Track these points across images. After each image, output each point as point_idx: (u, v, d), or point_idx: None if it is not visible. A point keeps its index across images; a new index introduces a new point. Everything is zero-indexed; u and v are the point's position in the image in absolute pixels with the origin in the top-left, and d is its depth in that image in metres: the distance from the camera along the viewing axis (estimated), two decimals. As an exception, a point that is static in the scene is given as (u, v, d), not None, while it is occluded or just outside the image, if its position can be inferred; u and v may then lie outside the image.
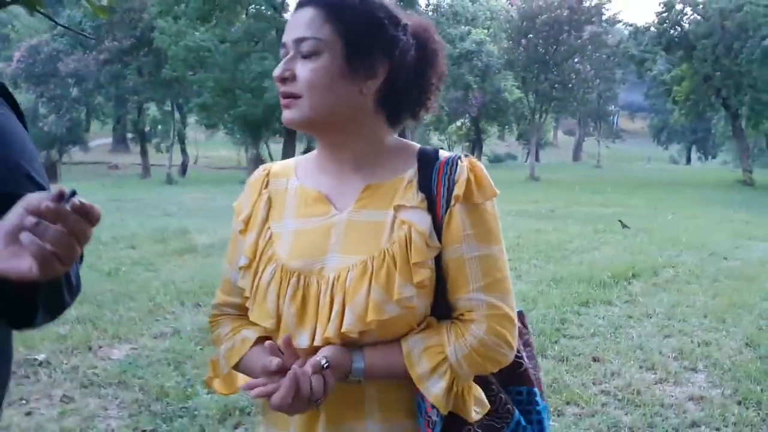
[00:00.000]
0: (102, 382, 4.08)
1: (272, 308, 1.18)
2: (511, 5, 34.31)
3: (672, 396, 3.99)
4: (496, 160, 50.22)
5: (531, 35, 26.66)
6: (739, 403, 3.87)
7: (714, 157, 60.16)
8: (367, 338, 1.15)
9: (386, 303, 1.12)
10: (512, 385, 1.27)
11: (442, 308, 1.18)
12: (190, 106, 27.40)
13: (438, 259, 1.17)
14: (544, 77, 27.41)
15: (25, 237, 0.83)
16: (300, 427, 1.20)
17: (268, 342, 1.15)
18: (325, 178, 1.24)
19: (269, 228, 1.24)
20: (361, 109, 1.18)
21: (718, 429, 3.55)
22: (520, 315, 1.30)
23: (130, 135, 42.85)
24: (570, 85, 28.31)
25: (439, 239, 1.16)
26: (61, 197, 0.83)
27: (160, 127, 38.69)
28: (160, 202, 14.63)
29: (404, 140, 1.28)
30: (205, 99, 23.00)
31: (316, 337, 1.14)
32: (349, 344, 1.15)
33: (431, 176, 1.19)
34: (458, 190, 1.16)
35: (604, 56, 29.19)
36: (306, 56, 1.14)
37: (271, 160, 27.19)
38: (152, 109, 37.48)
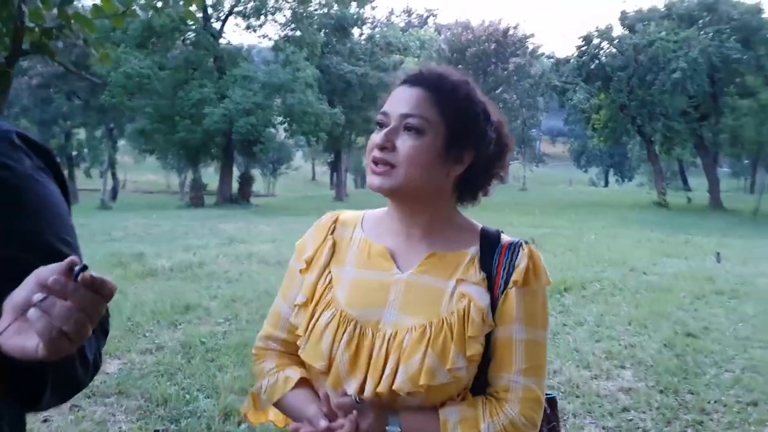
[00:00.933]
0: (104, 393, 4.45)
1: (326, 351, 1.21)
2: (440, 34, 35.60)
3: (605, 388, 4.67)
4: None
5: (461, 66, 27.84)
6: (660, 391, 4.57)
7: (630, 179, 62.61)
8: (411, 400, 1.19)
9: (439, 370, 1.16)
10: None
11: (480, 382, 1.23)
12: (127, 132, 27.23)
13: (488, 336, 1.22)
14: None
15: (33, 313, 0.78)
16: None
17: (323, 392, 1.22)
18: (392, 237, 1.30)
19: (330, 272, 1.29)
20: (443, 188, 1.26)
21: (644, 412, 4.25)
22: (553, 401, 1.40)
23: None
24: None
25: (493, 318, 1.22)
26: (70, 270, 0.78)
27: (87, 151, 38.04)
28: (104, 228, 14.66)
29: (468, 218, 1.34)
30: (144, 125, 22.98)
31: (366, 388, 1.18)
32: (389, 403, 1.20)
33: (493, 257, 1.25)
34: (517, 275, 1.22)
35: (528, 86, 30.60)
36: (410, 130, 1.20)
37: (206, 186, 27.43)
38: (81, 134, 36.86)
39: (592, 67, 25.81)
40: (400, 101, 1.23)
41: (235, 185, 25.46)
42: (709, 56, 23.45)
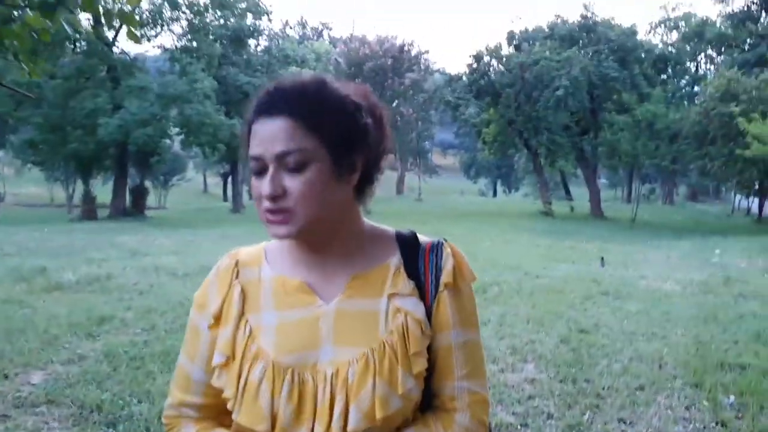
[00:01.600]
0: (33, 403, 4.47)
1: (266, 410, 1.09)
2: (335, 47, 36.07)
3: (512, 380, 5.13)
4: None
5: (359, 79, 28.43)
6: (560, 381, 5.07)
7: (517, 189, 65.33)
8: None
9: (391, 398, 1.08)
10: None
11: (425, 395, 1.17)
12: (10, 143, 25.91)
13: (430, 347, 1.15)
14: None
15: None
16: None
17: None
18: (305, 268, 1.18)
19: (247, 321, 1.15)
20: (346, 203, 1.15)
21: (547, 399, 4.72)
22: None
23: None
24: (396, 126, 30.48)
25: (430, 326, 1.15)
26: None
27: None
28: (-8, 243, 14.04)
29: (377, 225, 1.24)
30: (33, 135, 21.99)
31: None
32: None
33: (417, 263, 1.17)
34: (446, 277, 1.15)
35: (422, 100, 31.59)
36: (293, 169, 1.08)
37: (96, 197, 26.48)
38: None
39: (483, 83, 26.87)
40: (269, 140, 1.07)
41: (127, 197, 24.84)
42: (589, 75, 25.11)
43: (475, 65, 27.55)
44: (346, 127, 1.11)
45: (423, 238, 1.21)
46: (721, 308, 7.90)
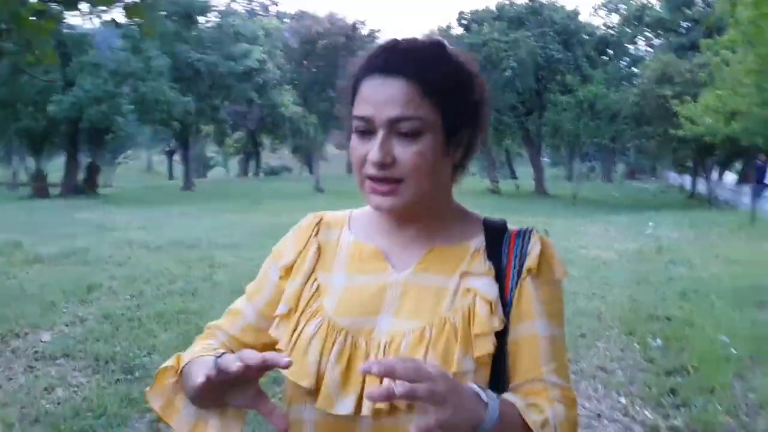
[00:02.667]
0: (51, 356, 5.00)
1: (313, 366, 1.04)
2: (282, 22, 36.17)
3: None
4: (271, 172, 51.51)
5: (311, 57, 28.79)
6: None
7: (464, 168, 66.72)
8: (412, 416, 0.97)
9: None
10: None
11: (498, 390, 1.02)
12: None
13: (502, 336, 1.05)
14: (325, 97, 29.73)
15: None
16: None
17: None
18: (384, 235, 1.14)
19: (316, 279, 1.13)
20: (446, 180, 1.11)
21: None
22: None
23: None
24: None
25: (507, 314, 1.06)
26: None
27: None
28: (-48, 220, 14.12)
29: (466, 208, 1.19)
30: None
31: (363, 405, 1.01)
32: (390, 425, 1.02)
33: (501, 246, 1.10)
34: (530, 262, 1.08)
35: None
36: (405, 135, 1.02)
37: (47, 175, 26.21)
38: None
39: (434, 63, 27.52)
40: (383, 101, 1.01)
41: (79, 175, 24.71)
42: (535, 56, 26.07)
43: (425, 46, 28.02)
44: (463, 98, 1.05)
45: (514, 227, 1.14)
46: (653, 273, 8.85)
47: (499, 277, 1.07)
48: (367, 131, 1.03)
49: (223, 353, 1.01)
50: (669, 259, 10.14)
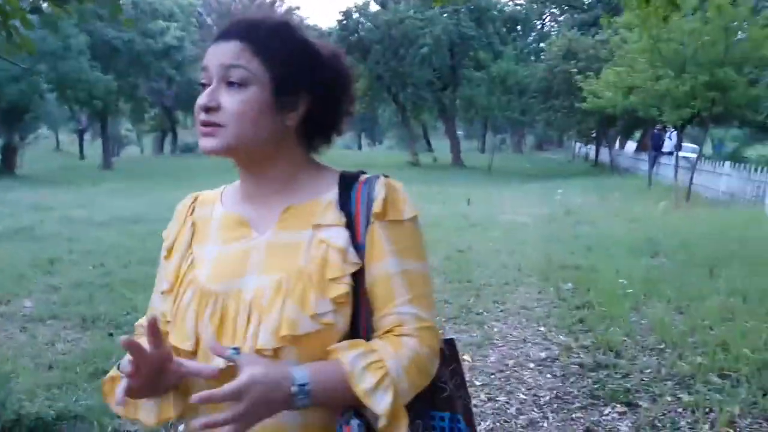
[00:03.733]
0: (40, 318, 5.50)
1: (191, 330, 1.15)
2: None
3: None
4: (187, 149, 50.86)
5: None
6: (449, 282, 6.73)
7: (380, 143, 67.31)
8: (284, 356, 1.09)
9: (301, 318, 1.09)
10: (435, 409, 1.22)
11: (364, 329, 1.14)
12: None
13: (360, 278, 1.14)
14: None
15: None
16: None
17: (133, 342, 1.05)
18: (249, 203, 1.23)
19: (191, 253, 1.23)
20: (283, 139, 1.18)
21: (442, 292, 6.35)
22: (451, 343, 1.31)
23: None
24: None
25: (361, 257, 1.14)
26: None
27: None
28: None
29: (326, 165, 1.27)
30: None
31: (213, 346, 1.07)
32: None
33: (350, 196, 1.18)
34: (377, 207, 1.15)
35: None
36: (233, 84, 1.13)
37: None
38: None
39: (353, 40, 28.21)
40: (217, 53, 1.15)
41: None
42: (450, 34, 27.06)
43: (344, 22, 28.74)
44: (293, 64, 1.15)
45: (365, 176, 1.23)
46: (562, 231, 9.98)
47: (351, 225, 1.16)
48: (206, 83, 1.15)
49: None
50: (576, 220, 11.34)
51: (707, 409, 3.63)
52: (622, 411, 3.70)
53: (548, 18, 43.14)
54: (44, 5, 5.57)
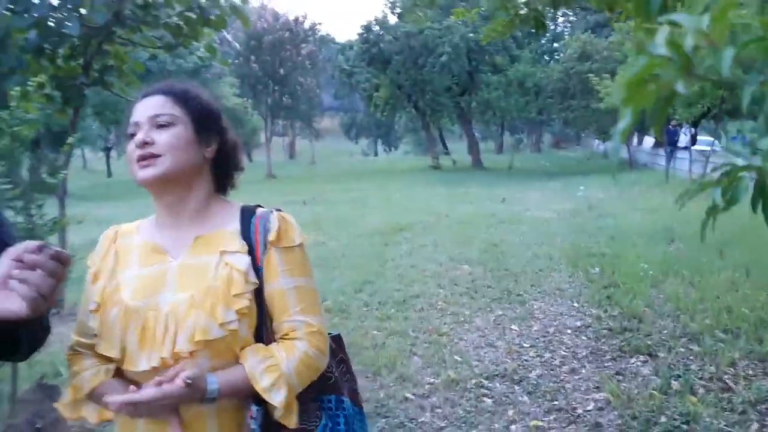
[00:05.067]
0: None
1: (118, 340, 1.36)
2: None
3: (457, 274, 7.64)
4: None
5: (258, 52, 30.01)
6: (489, 271, 7.68)
7: (396, 148, 67.82)
8: (198, 357, 1.34)
9: (210, 326, 1.33)
10: (323, 393, 1.51)
11: (267, 334, 1.42)
12: None
13: (262, 294, 1.41)
14: (274, 89, 31.09)
15: (15, 283, 1.05)
16: None
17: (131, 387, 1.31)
18: (164, 231, 1.46)
19: (116, 277, 1.43)
20: (201, 170, 1.46)
21: (483, 279, 7.30)
22: (338, 338, 1.62)
23: None
24: (297, 95, 32.44)
25: (260, 278, 1.40)
26: (40, 249, 1.07)
27: None
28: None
29: (229, 201, 1.54)
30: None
31: (152, 358, 1.34)
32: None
33: (249, 227, 1.44)
34: (272, 236, 1.42)
35: (324, 69, 33.01)
36: (162, 126, 1.40)
37: None
38: None
39: (374, 52, 29.25)
40: (144, 109, 1.42)
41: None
42: (467, 41, 27.96)
43: (365, 35, 29.79)
44: (205, 112, 1.47)
45: (261, 209, 1.49)
46: (586, 224, 10.89)
47: (251, 251, 1.41)
48: (136, 133, 1.40)
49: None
50: (598, 213, 12.23)
51: (713, 356, 4.56)
52: (644, 360, 4.63)
53: (561, 19, 43.93)
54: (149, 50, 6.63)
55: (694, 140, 17.91)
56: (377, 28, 29.33)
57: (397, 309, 6.16)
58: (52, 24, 5.38)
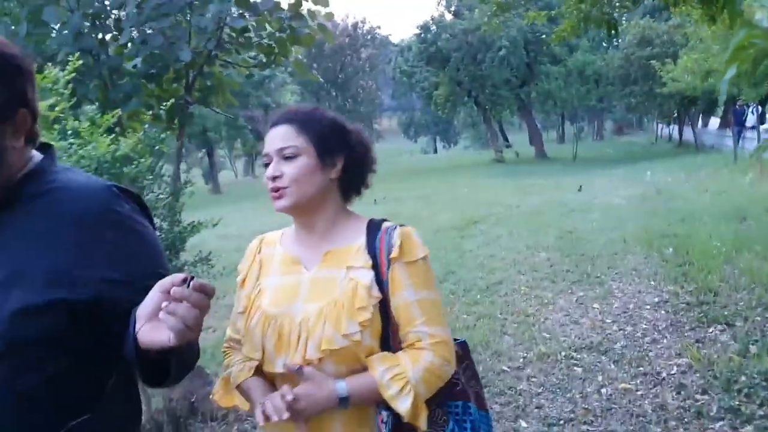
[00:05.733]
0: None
1: (258, 344, 1.55)
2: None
3: (536, 260, 8.04)
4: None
5: (320, 59, 30.93)
6: (566, 256, 8.06)
7: (455, 144, 67.84)
8: (325, 365, 1.49)
9: (335, 337, 1.47)
10: (450, 400, 1.59)
11: (394, 343, 1.53)
12: None
13: (387, 306, 1.52)
14: (336, 93, 32.00)
15: (163, 315, 1.12)
16: None
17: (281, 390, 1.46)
18: (300, 245, 1.63)
19: (259, 284, 1.62)
20: (328, 192, 1.59)
21: (562, 264, 7.69)
22: (464, 345, 1.70)
23: None
24: (359, 99, 33.25)
25: (384, 290, 1.52)
26: (184, 281, 1.13)
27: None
28: None
29: (356, 214, 1.67)
30: None
31: (287, 363, 1.49)
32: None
33: (374, 243, 1.56)
34: (394, 253, 1.52)
35: (384, 72, 33.74)
36: (288, 158, 1.54)
37: None
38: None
39: (432, 51, 29.74)
40: (274, 140, 1.56)
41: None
42: (525, 34, 28.11)
43: (423, 35, 30.31)
44: (328, 134, 1.58)
45: (387, 224, 1.61)
46: (657, 208, 11.12)
47: (376, 266, 1.53)
48: (269, 162, 1.57)
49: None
50: (667, 197, 12.41)
51: (788, 322, 4.88)
52: (722, 329, 4.98)
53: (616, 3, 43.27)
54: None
55: (762, 119, 17.69)
56: (434, 27, 29.78)
57: (482, 295, 6.62)
58: (157, 52, 6.07)
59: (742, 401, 3.76)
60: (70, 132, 3.44)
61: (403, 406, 1.46)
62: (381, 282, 1.52)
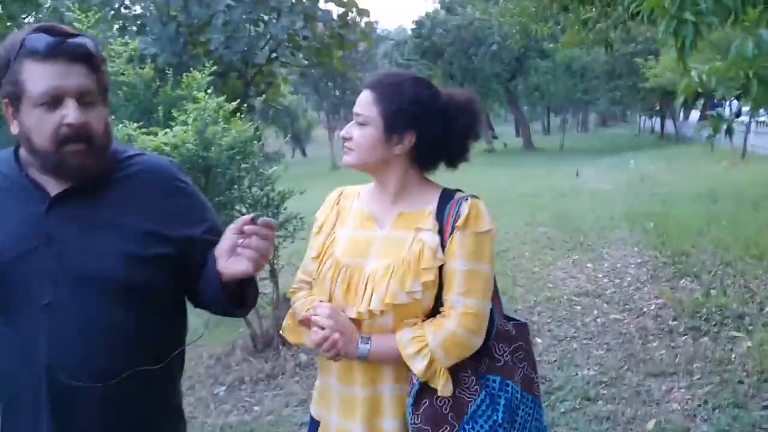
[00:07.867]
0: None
1: (327, 289, 1.66)
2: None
3: (536, 234, 9.29)
4: (266, 158, 53.68)
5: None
6: (562, 231, 9.33)
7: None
8: (385, 319, 1.61)
9: (399, 292, 1.57)
10: (488, 373, 1.64)
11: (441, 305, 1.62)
12: None
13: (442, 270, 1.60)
14: (334, 87, 33.05)
15: (240, 249, 1.31)
16: (341, 375, 1.69)
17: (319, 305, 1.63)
18: (376, 203, 1.72)
19: (334, 233, 1.73)
20: (395, 162, 1.65)
21: (557, 236, 8.97)
22: (522, 327, 1.76)
23: None
24: (356, 90, 34.09)
25: (444, 255, 1.59)
26: (253, 220, 1.32)
27: None
28: None
29: (432, 182, 1.74)
30: None
31: (353, 310, 1.61)
32: (371, 324, 1.62)
33: (444, 210, 1.63)
34: (459, 221, 1.59)
35: (381, 64, 34.68)
36: (359, 124, 1.64)
37: None
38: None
39: (427, 45, 30.91)
40: (357, 103, 1.65)
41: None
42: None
43: (418, 30, 31.45)
44: (402, 111, 1.61)
45: (460, 194, 1.68)
46: (640, 192, 12.48)
47: (441, 231, 1.62)
48: (352, 119, 1.69)
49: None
50: (650, 183, 13.78)
51: (743, 273, 6.19)
52: (691, 280, 6.24)
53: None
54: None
55: (738, 113, 19.08)
56: (429, 23, 30.94)
57: (493, 259, 7.86)
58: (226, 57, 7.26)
59: (702, 324, 5.05)
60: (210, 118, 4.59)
61: (417, 366, 1.57)
62: (444, 247, 1.60)
